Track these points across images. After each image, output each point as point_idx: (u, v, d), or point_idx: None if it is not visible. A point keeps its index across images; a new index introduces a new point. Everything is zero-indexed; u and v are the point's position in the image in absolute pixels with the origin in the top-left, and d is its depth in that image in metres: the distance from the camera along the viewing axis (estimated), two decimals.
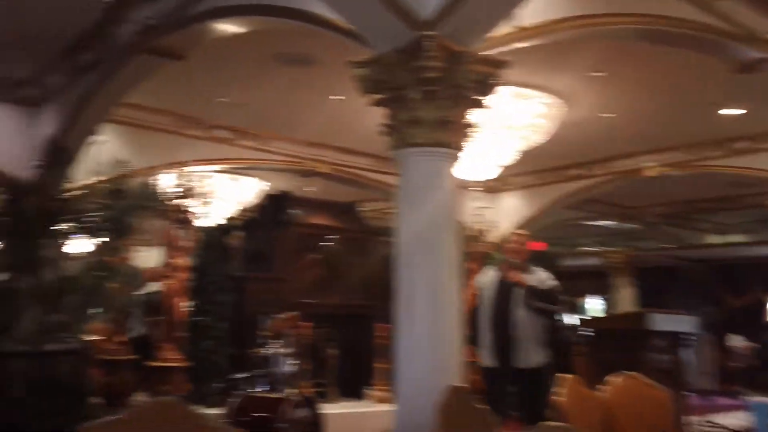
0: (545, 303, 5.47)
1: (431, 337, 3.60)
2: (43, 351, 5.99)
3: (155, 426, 2.25)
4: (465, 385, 2.87)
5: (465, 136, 3.84)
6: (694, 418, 9.18)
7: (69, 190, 7.25)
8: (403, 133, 3.72)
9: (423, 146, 3.69)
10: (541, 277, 5.62)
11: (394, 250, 3.89)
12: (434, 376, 3.54)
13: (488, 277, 5.78)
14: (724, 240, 15.85)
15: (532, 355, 5.44)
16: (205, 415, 2.36)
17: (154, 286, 9.38)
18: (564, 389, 3.27)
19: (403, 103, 3.65)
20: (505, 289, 5.53)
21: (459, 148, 3.81)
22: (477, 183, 10.81)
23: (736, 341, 13.12)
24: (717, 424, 9.20)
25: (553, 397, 3.24)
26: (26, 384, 6.78)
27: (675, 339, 6.63)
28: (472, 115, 3.85)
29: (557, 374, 3.53)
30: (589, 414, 3.29)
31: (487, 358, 5.49)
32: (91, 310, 7.22)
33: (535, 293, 5.44)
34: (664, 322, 6.49)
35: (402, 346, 3.71)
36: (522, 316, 5.44)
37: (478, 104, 3.84)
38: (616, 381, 3.59)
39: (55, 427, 6.10)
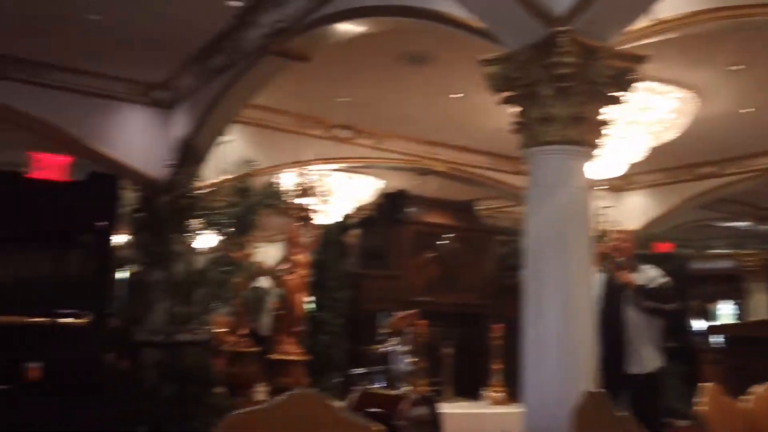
0: (656, 302, 5.20)
1: (561, 339, 3.52)
2: (174, 341, 6.26)
3: (295, 416, 2.31)
4: (601, 390, 2.79)
5: (599, 133, 3.73)
6: None
7: (198, 188, 7.58)
8: (534, 130, 3.65)
9: (555, 144, 3.61)
10: (650, 275, 5.35)
11: (521, 250, 3.83)
12: (566, 380, 3.46)
13: (595, 279, 5.58)
14: None
15: (645, 360, 5.19)
16: (339, 407, 2.40)
17: (268, 282, 9.68)
18: (705, 399, 3.12)
19: (535, 100, 3.59)
20: (613, 290, 5.29)
21: (592, 146, 3.70)
22: (601, 181, 10.53)
23: None
24: None
25: (695, 407, 3.10)
26: (158, 372, 7.15)
27: None
28: (607, 112, 3.74)
29: (698, 383, 3.38)
30: (731, 424, 3.14)
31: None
32: (216, 303, 7.50)
33: (645, 292, 5.18)
34: None
35: (530, 348, 3.64)
36: (632, 317, 5.20)
37: (614, 101, 3.73)
38: (760, 391, 3.40)
39: (183, 414, 6.40)
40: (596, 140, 3.75)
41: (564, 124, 3.56)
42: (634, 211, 11.26)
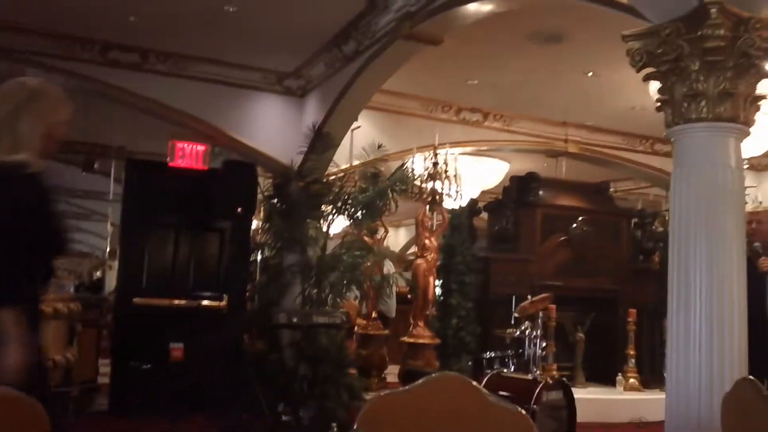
0: None
1: (711, 327, 3.37)
2: (309, 323, 6.46)
3: (439, 399, 2.33)
4: (754, 378, 2.65)
5: (753, 109, 3.52)
6: None
7: (330, 174, 7.75)
8: (680, 107, 3.49)
9: (703, 121, 3.44)
10: None
11: (657, 233, 3.69)
12: (714, 369, 3.32)
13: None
14: None
15: None
16: (485, 391, 2.40)
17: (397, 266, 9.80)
18: None
19: (682, 75, 3.42)
20: (754, 280, 4.93)
21: (745, 123, 3.50)
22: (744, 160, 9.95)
23: None
24: None
25: None
26: (294, 353, 7.40)
27: None
28: (761, 87, 3.52)
29: None
30: None
31: None
32: (348, 287, 7.66)
33: None
34: None
35: (676, 336, 3.50)
36: None
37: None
38: None
39: (320, 393, 6.60)
40: (750, 117, 3.53)
41: (713, 101, 3.38)
42: None
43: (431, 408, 2.31)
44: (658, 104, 3.67)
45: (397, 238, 17.99)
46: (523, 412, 2.29)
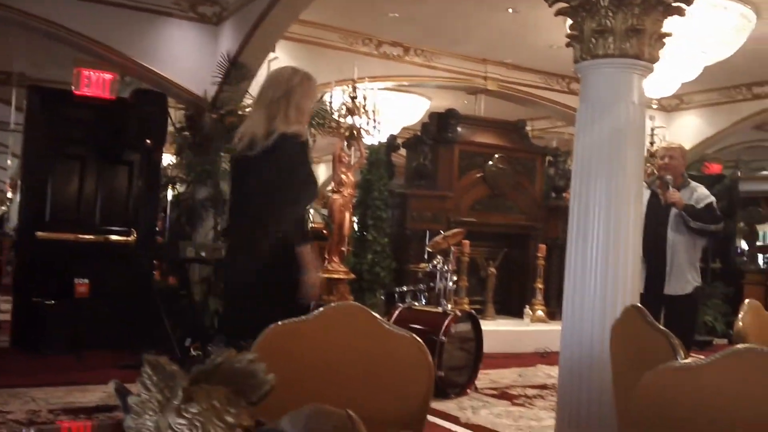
0: (702, 222, 5.01)
1: (606, 256, 3.49)
2: (219, 258, 6.37)
3: (337, 328, 2.34)
4: (639, 305, 2.76)
5: (658, 46, 3.57)
6: None
7: (245, 107, 7.58)
8: (588, 43, 3.52)
9: (610, 57, 3.48)
10: (699, 194, 5.15)
11: (571, 167, 3.76)
12: (608, 298, 3.46)
13: (642, 196, 5.41)
14: None
15: (684, 281, 5.08)
16: (383, 320, 2.42)
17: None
18: (745, 315, 3.08)
19: (593, 11, 3.43)
20: (657, 210, 5.10)
21: (651, 60, 3.55)
22: (652, 100, 10.24)
23: None
24: None
25: (736, 323, 3.07)
26: (206, 287, 7.33)
27: None
28: (667, 25, 3.57)
29: (740, 303, 3.32)
30: None
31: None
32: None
33: (691, 213, 5.00)
34: None
35: (574, 266, 3.62)
36: (675, 238, 5.06)
37: (677, 11, 3.55)
38: None
39: (230, 329, 6.56)
40: (655, 54, 3.59)
41: (620, 37, 3.42)
42: (685, 132, 10.96)
43: (329, 337, 2.32)
44: (569, 40, 3.70)
45: (317, 174, 17.88)
46: (417, 338, 2.33)
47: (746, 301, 3.30)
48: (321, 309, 2.40)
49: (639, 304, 2.80)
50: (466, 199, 9.29)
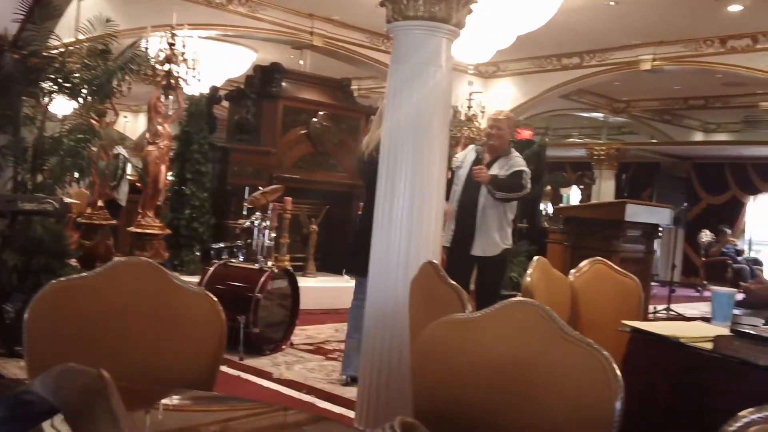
0: (506, 192, 5.32)
1: (411, 212, 3.60)
2: (19, 210, 5.93)
3: (125, 283, 2.26)
4: (437, 262, 2.88)
5: (465, 12, 3.68)
6: (658, 307, 9.55)
7: (52, 48, 7.03)
8: (401, 4, 3.56)
9: (420, 19, 3.54)
10: (512, 162, 5.43)
11: (383, 128, 3.83)
12: (411, 253, 3.58)
13: (467, 157, 5.62)
14: (709, 139, 15.90)
15: (493, 245, 5.38)
16: (175, 275, 2.36)
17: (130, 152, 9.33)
18: (533, 271, 3.30)
19: None
20: (472, 176, 5.37)
21: (457, 25, 3.66)
22: (470, 66, 10.63)
23: (707, 237, 13.38)
24: (676, 312, 9.58)
25: (525, 279, 3.28)
26: (2, 242, 6.81)
27: (649, 230, 6.74)
28: None
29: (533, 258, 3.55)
30: (556, 296, 3.35)
31: (448, 240, 5.42)
32: (70, 173, 7.15)
33: (496, 185, 5.28)
34: (640, 213, 6.57)
35: (382, 220, 3.71)
36: (488, 203, 5.34)
37: None
38: (586, 266, 3.63)
39: (33, 285, 6.17)
40: (462, 20, 3.70)
41: (430, 0, 3.49)
42: (501, 97, 11.53)
43: (115, 292, 2.23)
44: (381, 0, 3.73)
45: (136, 124, 17.10)
46: (208, 293, 2.30)
47: (535, 258, 3.52)
48: (107, 264, 2.30)
49: (434, 261, 2.92)
50: (290, 155, 9.25)
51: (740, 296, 4.29)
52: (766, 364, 2.26)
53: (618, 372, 1.74)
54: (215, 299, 2.28)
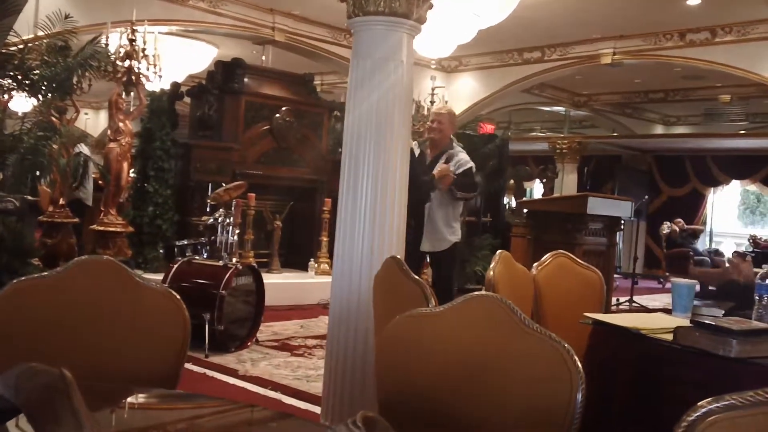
0: (465, 192, 5.40)
1: (374, 208, 3.61)
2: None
3: (87, 282, 2.24)
4: (400, 257, 2.90)
5: (426, 7, 3.70)
6: (621, 299, 9.72)
7: (11, 44, 6.90)
8: None
9: (380, 15, 3.55)
10: (458, 159, 5.43)
11: (345, 124, 3.84)
12: (374, 249, 3.59)
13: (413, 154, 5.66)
14: (670, 132, 16.18)
15: (441, 240, 5.42)
16: (137, 273, 2.35)
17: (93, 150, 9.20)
18: (496, 265, 3.34)
19: None
20: (421, 170, 5.31)
21: (418, 20, 3.67)
22: (432, 61, 10.67)
23: (667, 229, 13.63)
24: (639, 304, 9.76)
25: (488, 272, 3.32)
26: None
27: (611, 223, 6.85)
28: None
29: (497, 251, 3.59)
30: (520, 289, 3.39)
31: None
32: (31, 171, 7.03)
33: (458, 185, 5.31)
34: (601, 206, 6.66)
35: (345, 216, 3.73)
36: (434, 199, 5.36)
37: None
38: (549, 259, 3.68)
39: None
40: (423, 15, 3.71)
41: None
42: (463, 92, 11.61)
43: (76, 292, 2.21)
44: None
45: (97, 122, 16.86)
46: (171, 291, 2.29)
47: (498, 252, 3.56)
48: (69, 263, 2.28)
49: (397, 256, 2.93)
50: (253, 151, 9.20)
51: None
52: (725, 354, 2.31)
53: (579, 364, 1.77)
54: (178, 297, 2.27)
